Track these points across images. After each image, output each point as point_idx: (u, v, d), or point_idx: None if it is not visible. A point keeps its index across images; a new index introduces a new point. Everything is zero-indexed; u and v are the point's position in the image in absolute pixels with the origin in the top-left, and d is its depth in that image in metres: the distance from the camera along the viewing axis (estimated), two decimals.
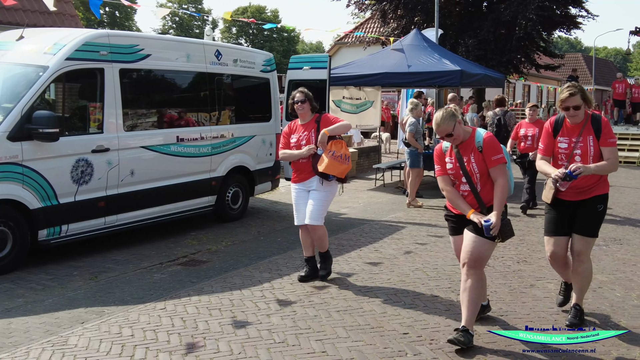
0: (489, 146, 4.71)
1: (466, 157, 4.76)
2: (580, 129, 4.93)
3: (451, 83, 12.45)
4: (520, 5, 21.00)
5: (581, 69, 47.92)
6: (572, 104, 4.85)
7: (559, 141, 5.04)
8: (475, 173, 4.73)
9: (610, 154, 4.88)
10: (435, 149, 5.00)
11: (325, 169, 6.02)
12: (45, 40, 7.38)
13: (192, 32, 67.26)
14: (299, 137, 6.31)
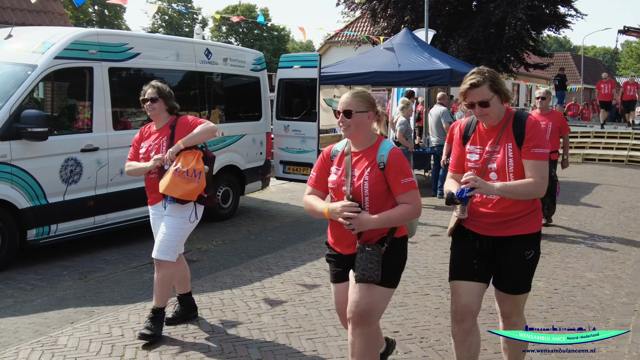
0: (397, 165, 3.46)
1: (359, 170, 3.51)
2: (497, 134, 3.55)
3: (441, 82, 12.49)
4: (510, 4, 21.09)
5: (570, 68, 48.25)
6: (477, 99, 3.47)
7: (468, 151, 3.66)
8: (365, 195, 3.46)
9: (534, 170, 3.42)
10: (323, 152, 3.79)
11: (165, 189, 4.69)
12: (34, 39, 7.34)
13: (182, 31, 67.01)
14: (149, 147, 4.93)
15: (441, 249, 7.71)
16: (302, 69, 10.72)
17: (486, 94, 3.47)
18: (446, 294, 5.95)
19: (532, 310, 5.51)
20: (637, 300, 5.86)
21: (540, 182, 3.41)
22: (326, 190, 3.67)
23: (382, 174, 3.45)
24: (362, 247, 3.42)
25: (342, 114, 3.56)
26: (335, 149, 3.73)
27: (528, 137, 3.45)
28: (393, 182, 3.45)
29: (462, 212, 3.51)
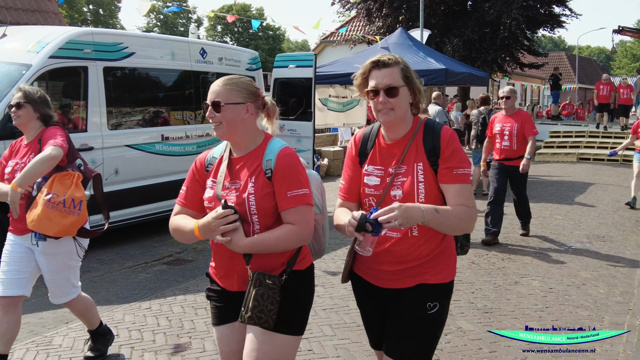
0: (285, 171, 2.64)
1: (241, 181, 2.69)
2: (402, 150, 2.65)
3: (436, 82, 12.52)
4: (505, 4, 21.12)
5: (565, 68, 48.30)
6: (385, 82, 2.59)
7: (366, 173, 2.76)
8: (252, 213, 2.64)
9: (461, 197, 2.58)
10: (196, 160, 2.91)
11: (34, 225, 3.76)
12: (29, 39, 7.32)
13: (177, 30, 66.92)
14: (15, 165, 4.02)
15: None
16: (297, 69, 10.72)
17: (397, 79, 2.60)
18: None
19: (527, 310, 5.52)
20: (631, 299, 5.87)
21: (473, 213, 2.63)
22: (201, 210, 2.80)
23: (271, 184, 2.65)
24: (261, 279, 2.60)
25: (210, 106, 2.71)
26: (212, 156, 2.86)
27: (447, 154, 2.58)
28: (278, 194, 2.63)
29: (366, 246, 2.48)
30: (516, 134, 7.96)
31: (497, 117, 8.24)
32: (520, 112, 8.48)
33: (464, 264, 7.02)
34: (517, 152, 7.99)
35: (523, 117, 8.19)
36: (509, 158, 8.03)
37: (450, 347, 4.67)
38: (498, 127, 8.09)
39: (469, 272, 6.69)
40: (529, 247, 7.86)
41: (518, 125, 7.94)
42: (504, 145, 8.02)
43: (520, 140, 7.99)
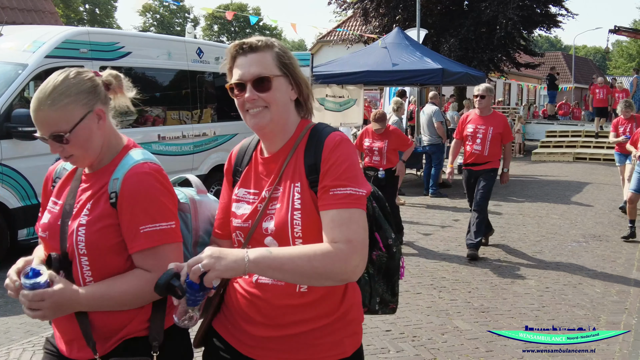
0: (138, 200, 1.90)
1: (78, 206, 1.98)
2: (280, 167, 1.91)
3: (433, 81, 12.52)
4: (501, 4, 21.14)
5: (561, 68, 48.33)
6: (252, 72, 1.86)
7: (235, 199, 1.99)
8: (80, 253, 1.91)
9: (336, 228, 1.73)
10: (49, 170, 2.22)
11: None
12: (25, 38, 7.31)
13: (174, 29, 66.87)
14: None
15: (432, 248, 7.73)
16: None
17: (269, 67, 1.88)
18: (438, 292, 5.97)
19: (524, 309, 5.53)
20: (627, 298, 5.89)
21: (345, 251, 1.71)
22: None
23: (115, 213, 1.91)
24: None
25: (50, 141, 1.96)
26: (62, 167, 2.17)
27: (325, 168, 1.81)
28: (126, 230, 1.89)
29: (186, 315, 1.75)
30: (490, 138, 7.22)
31: (470, 117, 7.47)
32: (496, 114, 7.62)
33: (460, 263, 7.04)
34: (486, 157, 7.29)
35: (501, 121, 7.38)
36: (477, 163, 7.36)
37: (447, 347, 4.68)
38: (471, 129, 7.33)
39: (466, 272, 6.70)
40: (526, 247, 7.87)
41: (494, 130, 7.20)
42: (475, 149, 7.29)
43: (493, 146, 7.27)
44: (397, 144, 7.53)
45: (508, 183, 8.31)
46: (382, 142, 7.48)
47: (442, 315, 5.36)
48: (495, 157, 7.33)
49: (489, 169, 7.34)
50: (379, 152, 7.52)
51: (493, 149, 7.27)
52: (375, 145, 7.54)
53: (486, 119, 7.31)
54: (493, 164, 7.36)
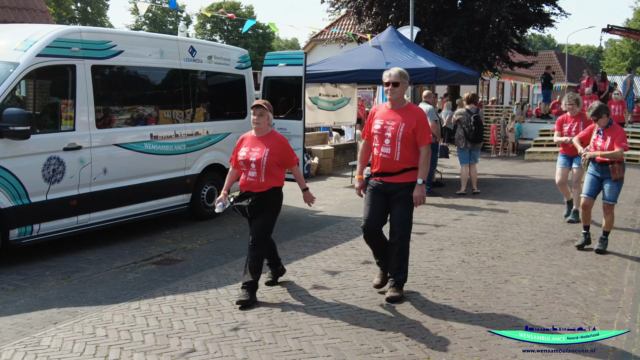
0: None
1: None
2: None
3: (426, 80, 12.50)
4: (494, 3, 21.16)
5: (554, 66, 48.45)
6: None
7: None
8: None
9: None
10: None
11: None
12: (16, 37, 7.25)
13: (166, 28, 66.72)
14: None
15: (426, 247, 7.73)
16: (287, 67, 10.69)
17: None
18: (432, 291, 5.97)
19: (517, 308, 5.53)
20: (621, 297, 5.90)
21: None
22: None
23: None
24: None
25: None
26: None
27: None
28: None
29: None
30: (401, 137, 5.49)
31: (379, 111, 5.79)
32: (411, 107, 5.76)
33: (454, 262, 7.04)
34: (399, 164, 5.54)
35: (415, 115, 5.61)
36: (387, 172, 5.60)
37: (440, 346, 4.67)
38: (378, 126, 5.63)
39: (459, 271, 6.69)
40: (519, 246, 7.88)
41: (406, 127, 5.48)
42: (383, 152, 5.57)
43: (406, 148, 5.53)
44: None
45: (500, 182, 8.26)
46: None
47: (436, 314, 5.35)
48: (409, 163, 5.58)
49: (406, 184, 5.59)
50: None
51: (406, 152, 5.53)
52: None
53: (398, 113, 5.61)
54: (409, 176, 5.59)
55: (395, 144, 5.53)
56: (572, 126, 9.25)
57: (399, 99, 5.68)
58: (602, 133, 7.54)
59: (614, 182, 7.44)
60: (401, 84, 5.66)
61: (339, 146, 17.17)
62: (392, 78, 5.66)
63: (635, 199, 11.58)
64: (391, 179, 5.61)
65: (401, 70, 5.76)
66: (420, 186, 5.56)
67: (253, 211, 5.64)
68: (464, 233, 8.53)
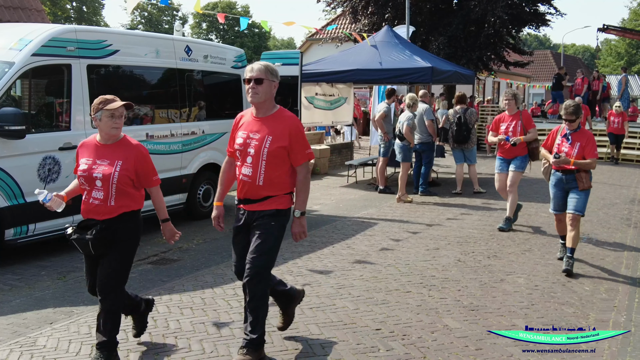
0: None
1: None
2: None
3: (422, 80, 12.52)
4: (490, 2, 21.21)
5: (550, 66, 48.62)
6: None
7: None
8: None
9: None
10: None
11: None
12: (11, 36, 7.23)
13: (162, 27, 66.60)
14: None
15: (422, 247, 7.73)
16: (283, 67, 10.66)
17: None
18: (428, 290, 5.97)
19: (513, 307, 5.54)
20: (616, 296, 5.92)
21: None
22: None
23: None
24: None
25: None
26: None
27: None
28: None
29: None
30: (266, 155, 4.20)
31: (244, 119, 4.55)
32: (284, 114, 4.36)
33: (450, 261, 7.05)
34: (261, 190, 4.28)
35: (287, 125, 4.26)
36: (249, 199, 4.37)
37: (436, 345, 4.68)
38: (240, 139, 4.41)
39: (455, 270, 6.70)
40: (515, 245, 7.89)
41: (273, 140, 4.18)
42: (243, 174, 4.32)
43: (272, 169, 4.23)
44: None
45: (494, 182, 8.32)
46: None
47: (432, 313, 5.36)
48: (277, 188, 4.29)
49: (268, 212, 4.31)
50: None
51: (273, 174, 4.24)
52: None
53: (265, 122, 4.30)
54: (276, 202, 4.32)
55: (258, 163, 4.22)
56: (509, 126, 8.65)
57: (264, 103, 4.31)
58: (569, 138, 6.77)
59: (581, 191, 6.74)
60: (266, 81, 4.27)
61: (335, 145, 17.18)
62: (254, 73, 4.29)
63: (630, 199, 11.62)
64: (253, 206, 4.36)
65: (267, 64, 4.39)
66: (298, 220, 4.35)
67: (98, 246, 4.22)
68: (459, 232, 8.54)
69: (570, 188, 6.80)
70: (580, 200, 6.73)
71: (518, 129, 8.56)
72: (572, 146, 6.70)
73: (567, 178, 6.77)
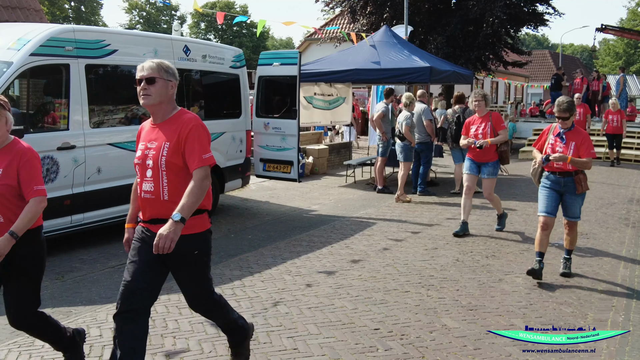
0: None
1: None
2: None
3: (421, 80, 12.52)
4: (488, 2, 21.22)
5: (548, 66, 48.65)
6: None
7: None
8: None
9: None
10: None
11: None
12: (9, 36, 7.22)
13: (160, 27, 66.56)
14: None
15: (421, 247, 7.74)
16: (282, 67, 10.68)
17: None
18: (426, 290, 5.98)
19: (512, 307, 5.54)
20: (614, 296, 5.92)
21: None
22: None
23: None
24: None
25: None
26: None
27: None
28: None
29: None
30: (165, 165, 3.61)
31: (144, 129, 3.98)
32: (182, 116, 3.77)
33: (448, 261, 7.05)
34: (171, 205, 3.55)
35: (187, 127, 3.65)
36: (157, 219, 3.64)
37: (435, 345, 4.68)
38: (139, 152, 3.83)
39: (454, 270, 6.71)
40: (513, 245, 7.90)
41: (171, 147, 3.62)
42: (145, 191, 3.69)
43: (178, 180, 3.63)
44: None
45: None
46: None
47: (430, 313, 5.36)
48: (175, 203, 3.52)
49: (188, 237, 3.60)
50: None
51: (179, 185, 3.61)
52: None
53: (162, 128, 3.75)
54: (193, 222, 3.61)
55: (159, 175, 3.64)
56: (479, 128, 8.28)
57: (159, 106, 3.75)
58: (563, 137, 6.34)
59: (577, 195, 6.36)
60: (160, 80, 3.73)
61: (334, 145, 17.18)
62: (145, 72, 3.76)
63: (628, 198, 11.63)
64: (155, 227, 3.61)
65: (162, 61, 3.84)
66: (175, 224, 3.41)
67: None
68: None
69: (566, 191, 6.36)
70: (578, 205, 6.43)
71: (488, 130, 8.21)
72: (567, 146, 6.27)
73: (566, 181, 6.31)
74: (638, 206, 10.77)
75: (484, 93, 8.43)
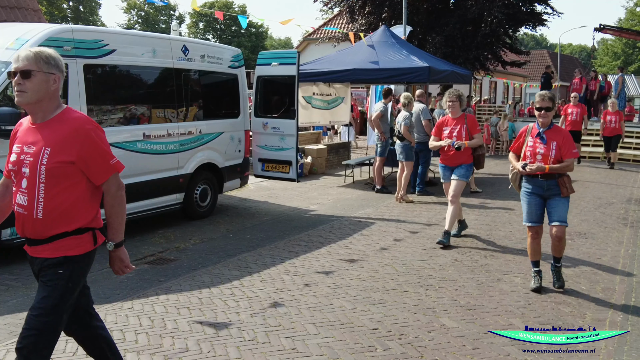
0: None
1: None
2: None
3: (419, 79, 12.53)
4: (487, 2, 21.24)
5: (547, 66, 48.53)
6: None
7: None
8: None
9: None
10: None
11: None
12: (7, 36, 7.21)
13: (159, 27, 66.53)
14: None
15: (419, 246, 7.74)
16: (280, 66, 10.68)
17: None
18: (425, 290, 5.98)
19: (510, 306, 5.54)
20: (612, 295, 5.93)
21: None
22: None
23: None
24: None
25: None
26: None
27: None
28: None
29: None
30: (44, 174, 3.11)
31: (21, 127, 3.41)
32: (68, 116, 3.22)
33: (447, 261, 7.05)
34: (44, 226, 3.17)
35: (67, 135, 3.13)
36: (31, 239, 3.26)
37: (433, 344, 4.68)
38: (14, 156, 3.27)
39: (452, 269, 6.71)
40: (512, 244, 7.90)
41: (53, 153, 3.12)
42: (18, 204, 3.22)
43: (60, 193, 3.15)
44: None
45: (493, 181, 8.25)
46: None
47: (429, 313, 5.36)
48: (65, 222, 3.19)
49: (53, 261, 3.20)
50: None
51: (55, 201, 3.13)
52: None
53: (42, 130, 3.18)
54: (65, 246, 3.22)
55: (35, 188, 3.11)
56: (453, 130, 7.89)
57: (39, 104, 3.17)
58: (544, 137, 5.96)
59: (563, 198, 5.98)
60: (39, 73, 3.12)
61: (333, 145, 17.18)
62: (19, 63, 3.11)
63: (627, 198, 11.64)
64: (36, 250, 3.22)
65: (40, 50, 3.16)
66: (115, 253, 3.57)
67: None
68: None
69: (550, 195, 5.96)
70: (564, 208, 5.97)
71: (463, 133, 7.81)
72: (548, 146, 5.87)
73: (549, 184, 5.91)
74: (636, 206, 10.78)
75: (459, 93, 7.97)
